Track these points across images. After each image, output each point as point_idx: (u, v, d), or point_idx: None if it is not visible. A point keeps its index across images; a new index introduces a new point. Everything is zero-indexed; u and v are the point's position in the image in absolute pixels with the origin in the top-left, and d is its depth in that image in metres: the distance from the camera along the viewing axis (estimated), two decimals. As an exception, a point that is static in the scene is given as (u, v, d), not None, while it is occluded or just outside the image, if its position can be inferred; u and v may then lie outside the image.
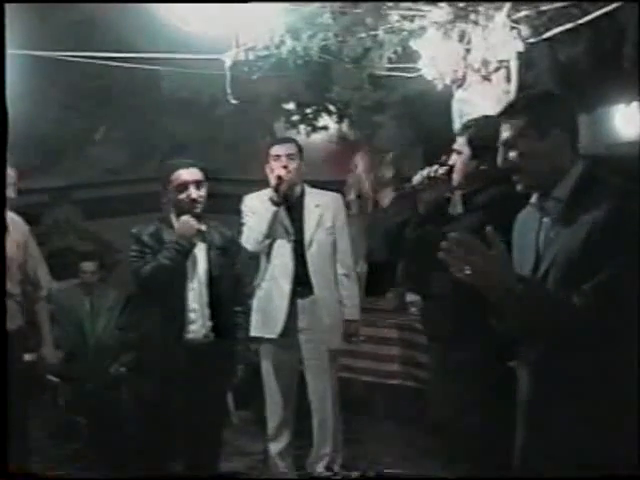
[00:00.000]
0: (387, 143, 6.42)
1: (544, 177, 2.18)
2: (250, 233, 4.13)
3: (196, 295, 3.60)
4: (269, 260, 4.20)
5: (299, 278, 4.17)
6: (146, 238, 3.60)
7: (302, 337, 4.22)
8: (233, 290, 3.74)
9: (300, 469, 4.38)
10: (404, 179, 3.40)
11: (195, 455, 3.69)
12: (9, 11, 2.58)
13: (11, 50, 2.74)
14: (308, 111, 6.66)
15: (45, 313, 4.31)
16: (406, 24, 3.78)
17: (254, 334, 4.10)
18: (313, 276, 4.19)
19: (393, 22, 3.80)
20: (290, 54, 3.86)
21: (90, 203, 7.62)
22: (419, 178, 3.03)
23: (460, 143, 2.96)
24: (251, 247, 4.13)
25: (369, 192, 6.00)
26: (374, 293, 5.96)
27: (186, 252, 3.55)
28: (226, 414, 4.57)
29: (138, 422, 4.25)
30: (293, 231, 4.19)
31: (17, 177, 3.86)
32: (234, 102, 4.03)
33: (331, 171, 6.46)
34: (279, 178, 4.04)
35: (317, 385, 4.27)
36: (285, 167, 4.09)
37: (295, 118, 6.69)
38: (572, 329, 1.99)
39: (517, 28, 3.66)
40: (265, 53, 3.87)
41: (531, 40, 3.74)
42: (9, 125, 2.62)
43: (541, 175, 2.18)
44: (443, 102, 3.96)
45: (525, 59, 3.81)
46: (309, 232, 4.20)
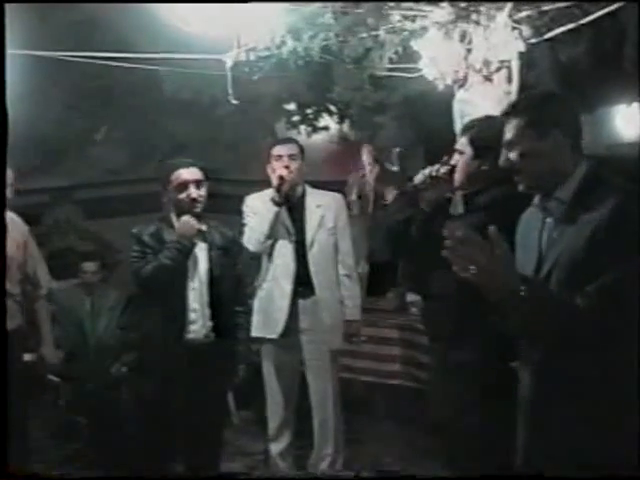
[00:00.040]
0: (388, 143, 6.41)
1: (544, 178, 2.17)
2: (252, 233, 4.13)
3: (197, 295, 3.60)
4: (270, 260, 4.20)
5: (300, 278, 4.17)
6: (147, 238, 3.60)
7: (304, 338, 4.22)
8: (234, 290, 3.74)
9: (301, 469, 4.38)
10: (406, 178, 3.40)
11: (196, 455, 3.69)
12: (9, 11, 2.57)
13: (11, 50, 2.73)
14: (309, 111, 6.66)
15: (45, 313, 4.31)
16: (407, 24, 3.78)
17: (255, 334, 4.09)
18: (314, 276, 4.19)
19: (394, 22, 3.80)
20: (291, 54, 3.86)
21: (91, 203, 7.61)
22: (421, 177, 3.03)
23: (462, 143, 2.95)
24: (253, 247, 4.13)
25: (371, 191, 5.98)
26: (375, 293, 5.95)
27: (187, 252, 3.56)
28: (227, 414, 4.57)
29: (139, 422, 4.24)
30: (294, 231, 4.19)
31: (14, 178, 3.86)
32: (235, 102, 4.02)
33: (332, 171, 6.45)
34: (281, 178, 4.04)
35: (318, 385, 4.27)
36: (287, 167, 4.09)
37: (296, 118, 6.68)
38: (575, 330, 1.98)
39: (518, 28, 3.65)
40: (266, 53, 3.87)
41: (532, 40, 3.73)
42: (9, 126, 2.62)
43: (541, 176, 2.18)
44: (444, 102, 3.95)
45: (526, 59, 3.80)
46: (310, 232, 4.20)
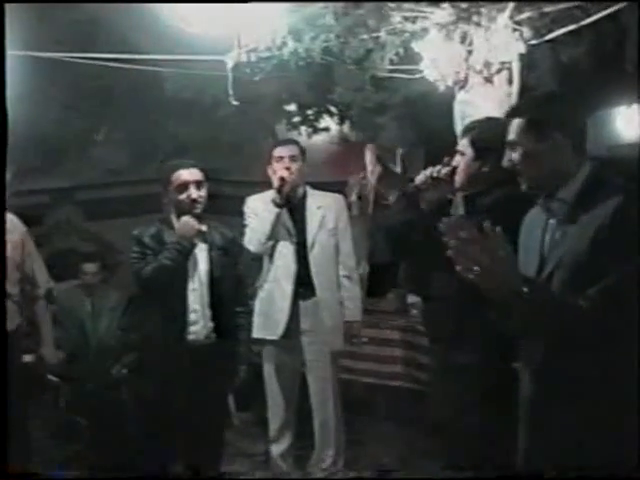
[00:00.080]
0: (389, 144, 6.41)
1: (545, 178, 2.18)
2: (253, 234, 4.13)
3: (197, 296, 3.60)
4: (271, 261, 4.20)
5: (301, 279, 4.17)
6: (147, 240, 3.60)
7: (304, 339, 4.22)
8: (235, 291, 3.74)
9: (302, 470, 4.37)
10: (408, 179, 3.40)
11: (196, 456, 3.69)
12: (9, 11, 2.57)
13: (11, 51, 2.73)
14: (310, 112, 6.64)
15: (44, 312, 4.31)
16: (408, 25, 3.77)
17: (256, 335, 4.09)
18: (315, 277, 4.19)
19: (395, 23, 3.79)
20: (292, 55, 3.86)
21: (91, 204, 7.59)
22: (422, 178, 3.02)
23: (463, 144, 2.96)
24: (254, 248, 4.13)
25: (371, 192, 5.97)
26: (375, 294, 5.94)
27: (186, 252, 3.55)
28: (227, 415, 4.57)
29: (139, 423, 4.24)
30: (295, 233, 4.19)
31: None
32: (236, 103, 4.03)
33: (332, 172, 6.45)
34: (282, 180, 4.04)
35: (319, 387, 4.27)
36: (288, 169, 4.09)
37: (296, 119, 6.66)
38: (576, 331, 1.98)
39: (519, 30, 3.65)
40: (267, 54, 3.86)
41: (533, 42, 3.73)
42: (10, 126, 2.62)
43: (542, 176, 2.18)
44: (445, 104, 3.95)
45: (527, 61, 3.80)
46: (311, 234, 4.20)
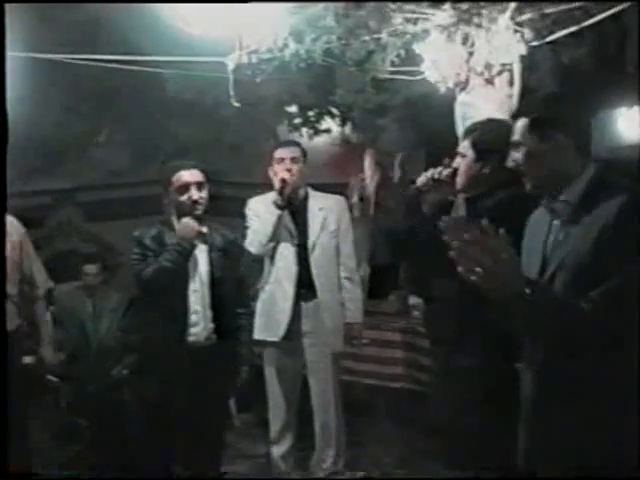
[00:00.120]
0: (390, 146, 6.40)
1: (548, 179, 2.17)
2: (254, 236, 4.13)
3: (198, 297, 3.60)
4: (273, 263, 4.20)
5: (302, 281, 4.17)
6: (148, 241, 3.60)
7: (305, 340, 4.22)
8: (236, 292, 3.74)
9: (303, 472, 4.37)
10: (409, 182, 3.40)
11: (197, 458, 3.69)
12: (9, 12, 2.57)
13: (11, 52, 2.73)
14: (311, 114, 6.64)
15: (44, 313, 4.32)
16: (409, 27, 3.77)
17: (257, 337, 4.09)
18: (316, 279, 4.19)
19: (396, 25, 3.79)
20: (293, 57, 3.86)
21: (93, 205, 7.59)
22: (423, 179, 3.02)
23: (464, 146, 2.96)
24: (255, 250, 4.13)
25: (372, 193, 5.97)
26: (376, 296, 5.94)
27: (187, 254, 3.55)
28: (228, 417, 4.56)
29: (140, 424, 4.23)
30: (297, 234, 4.19)
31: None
32: (237, 105, 4.03)
33: (334, 174, 6.45)
34: (283, 181, 4.04)
35: (320, 388, 4.27)
36: (289, 170, 4.09)
37: (298, 121, 6.66)
38: (577, 332, 1.98)
39: (520, 31, 3.65)
40: (268, 56, 3.86)
41: (534, 43, 3.74)
42: (10, 127, 2.62)
43: (545, 176, 2.18)
44: (446, 105, 3.95)
45: (528, 62, 3.80)
46: (313, 235, 4.20)
